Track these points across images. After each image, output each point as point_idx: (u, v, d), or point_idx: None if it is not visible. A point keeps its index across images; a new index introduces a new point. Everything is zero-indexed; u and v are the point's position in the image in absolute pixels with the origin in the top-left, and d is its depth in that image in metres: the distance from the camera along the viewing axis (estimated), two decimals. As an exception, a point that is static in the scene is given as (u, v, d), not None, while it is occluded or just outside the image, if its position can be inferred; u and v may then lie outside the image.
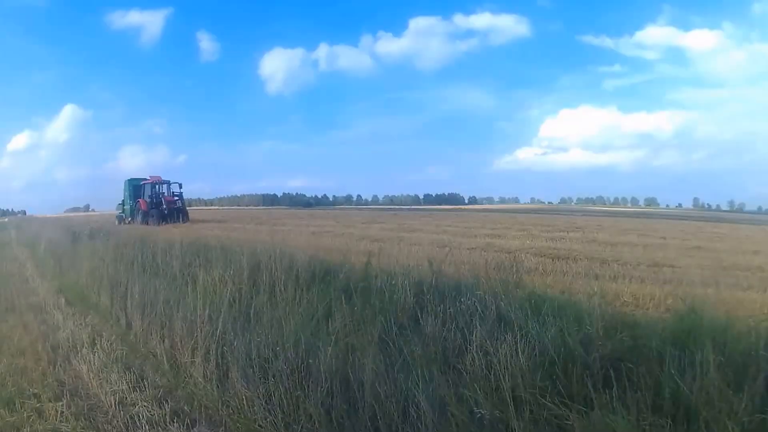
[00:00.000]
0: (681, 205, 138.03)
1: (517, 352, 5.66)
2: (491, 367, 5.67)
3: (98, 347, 8.52)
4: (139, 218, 50.40)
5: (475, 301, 7.14)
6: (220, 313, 7.92)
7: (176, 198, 52.76)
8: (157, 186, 53.03)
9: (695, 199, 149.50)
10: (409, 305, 7.92)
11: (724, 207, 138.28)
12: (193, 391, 7.01)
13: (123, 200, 57.26)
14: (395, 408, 5.56)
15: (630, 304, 9.28)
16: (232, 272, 10.30)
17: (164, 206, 50.12)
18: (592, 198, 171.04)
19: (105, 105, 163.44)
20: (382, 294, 8.30)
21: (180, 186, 53.68)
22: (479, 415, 5.17)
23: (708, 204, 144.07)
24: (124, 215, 55.62)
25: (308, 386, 6.02)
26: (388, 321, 7.38)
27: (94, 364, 7.88)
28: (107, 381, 7.40)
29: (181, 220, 48.17)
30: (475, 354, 5.94)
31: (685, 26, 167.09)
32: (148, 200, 51.67)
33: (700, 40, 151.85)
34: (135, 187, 55.29)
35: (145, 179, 54.19)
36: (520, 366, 5.53)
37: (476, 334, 6.18)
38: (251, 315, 8.37)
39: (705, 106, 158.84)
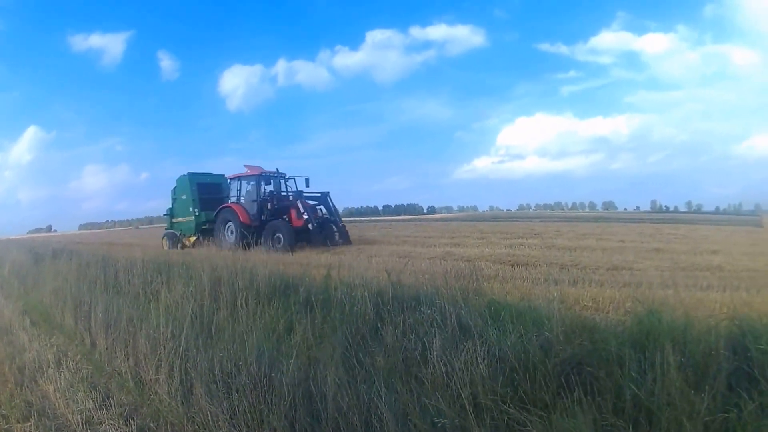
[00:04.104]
0: (639, 207, 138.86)
1: (476, 360, 5.55)
2: (452, 376, 5.56)
3: (64, 367, 8.26)
4: (229, 237, 29.69)
5: (434, 310, 7.03)
6: (183, 330, 7.73)
7: (317, 205, 30.13)
8: (268, 182, 31.30)
9: (653, 202, 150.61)
10: (370, 316, 7.79)
11: (682, 208, 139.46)
12: (159, 408, 6.80)
13: (171, 208, 36.17)
14: (358, 419, 5.41)
15: (590, 308, 9.28)
16: (193, 289, 10.13)
17: (306, 216, 27.94)
18: (550, 204, 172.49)
19: (67, 125, 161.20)
20: (343, 306, 8.18)
21: (306, 182, 30.58)
22: (441, 424, 5.05)
23: (666, 206, 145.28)
24: (181, 233, 34.73)
25: (271, 400, 5.85)
26: (349, 333, 7.30)
27: (61, 383, 7.65)
28: (74, 400, 7.17)
29: (333, 242, 28.03)
30: (435, 363, 5.83)
31: (639, 30, 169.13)
32: (251, 208, 29.92)
33: (654, 43, 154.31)
34: (204, 186, 34.86)
35: (237, 174, 31.95)
36: (480, 373, 5.42)
37: (436, 343, 6.08)
38: (213, 330, 8.29)
39: (660, 108, 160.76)
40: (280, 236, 27.44)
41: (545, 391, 5.15)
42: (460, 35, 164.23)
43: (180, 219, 35.51)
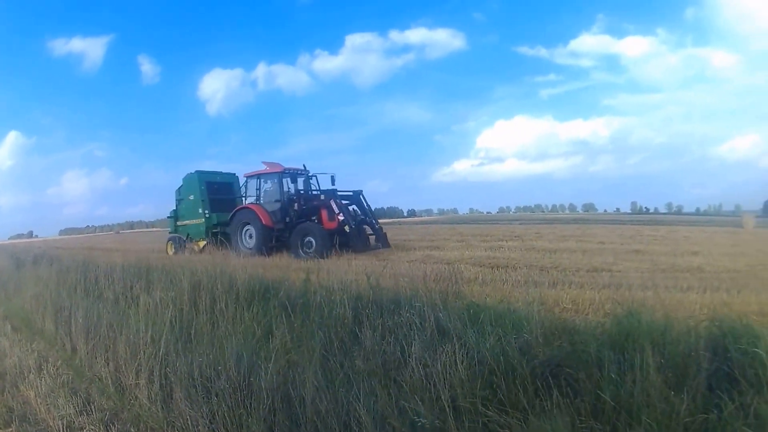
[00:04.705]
0: (619, 209, 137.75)
1: (455, 363, 5.49)
2: (431, 379, 5.48)
3: (45, 372, 8.15)
4: (247, 242, 26.35)
5: (413, 313, 6.99)
6: (162, 335, 7.60)
7: (348, 204, 25.79)
8: (294, 180, 27.50)
9: (633, 203, 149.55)
10: (348, 320, 7.74)
11: (662, 210, 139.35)
12: (139, 413, 6.66)
13: (175, 210, 31.95)
14: (337, 423, 5.32)
15: (570, 310, 9.19)
16: (173, 294, 10.01)
17: (342, 218, 24.24)
18: (530, 206, 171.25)
19: (48, 131, 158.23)
20: (322, 309, 8.12)
21: (332, 180, 26.38)
22: (420, 424, 4.99)
23: (646, 207, 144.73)
24: (188, 237, 30.46)
25: (250, 404, 5.75)
26: (328, 336, 7.25)
27: (42, 389, 7.52)
28: (55, 406, 7.03)
29: (370, 246, 24.85)
30: (414, 366, 5.75)
31: (619, 33, 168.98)
32: (273, 209, 26.21)
33: (634, 46, 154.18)
34: (214, 185, 30.87)
35: (255, 171, 27.77)
36: (459, 376, 5.36)
37: (415, 346, 6.03)
38: (192, 335, 8.18)
39: (640, 110, 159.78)
40: (312, 240, 23.64)
41: (524, 393, 5.08)
42: (439, 39, 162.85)
43: (186, 221, 31.12)
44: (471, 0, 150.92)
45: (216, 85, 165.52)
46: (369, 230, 26.07)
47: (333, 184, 26.19)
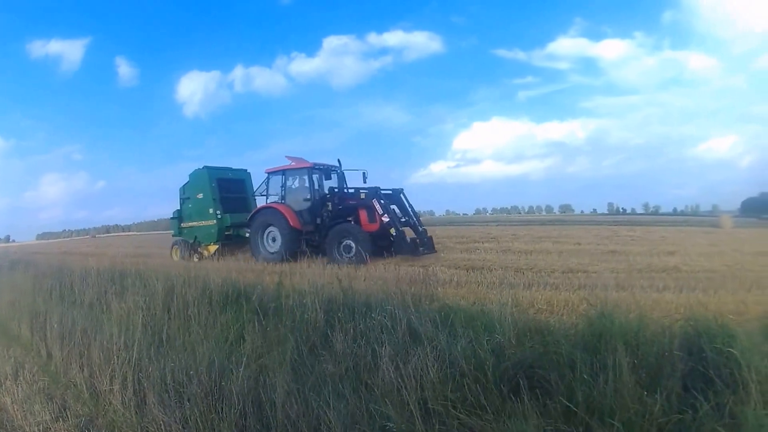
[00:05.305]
0: (596, 210, 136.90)
1: (427, 365, 5.42)
2: (402, 382, 5.38)
3: (21, 379, 7.94)
4: (270, 245, 22.93)
5: (384, 316, 6.92)
6: (136, 340, 7.51)
7: (385, 203, 21.23)
8: (327, 176, 23.79)
9: (609, 204, 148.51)
10: (320, 323, 7.70)
11: (639, 210, 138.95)
12: (114, 419, 6.52)
13: (180, 210, 27.73)
14: (307, 427, 5.21)
15: (544, 311, 9.03)
16: (146, 299, 9.90)
17: (387, 219, 20.70)
18: (506, 208, 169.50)
19: (25, 133, 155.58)
20: (294, 313, 8.09)
21: (364, 178, 22.83)
22: (389, 428, 4.90)
23: (623, 208, 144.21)
24: (196, 240, 26.54)
25: (222, 409, 5.66)
26: (300, 340, 7.18)
27: (18, 395, 7.35)
28: (31, 412, 6.86)
29: (415, 250, 20.03)
30: (385, 369, 5.66)
31: (597, 36, 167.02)
32: (300, 209, 22.45)
33: (611, 49, 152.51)
34: (225, 182, 26.93)
35: (280, 167, 23.58)
36: (430, 379, 5.30)
37: (386, 349, 5.94)
38: (165, 340, 8.07)
39: (617, 112, 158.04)
40: (351, 244, 20.10)
41: (496, 395, 5.01)
42: (417, 41, 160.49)
43: (194, 223, 26.80)
44: (449, 3, 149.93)
45: (193, 87, 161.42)
46: (412, 233, 21.67)
47: (365, 181, 22.54)
